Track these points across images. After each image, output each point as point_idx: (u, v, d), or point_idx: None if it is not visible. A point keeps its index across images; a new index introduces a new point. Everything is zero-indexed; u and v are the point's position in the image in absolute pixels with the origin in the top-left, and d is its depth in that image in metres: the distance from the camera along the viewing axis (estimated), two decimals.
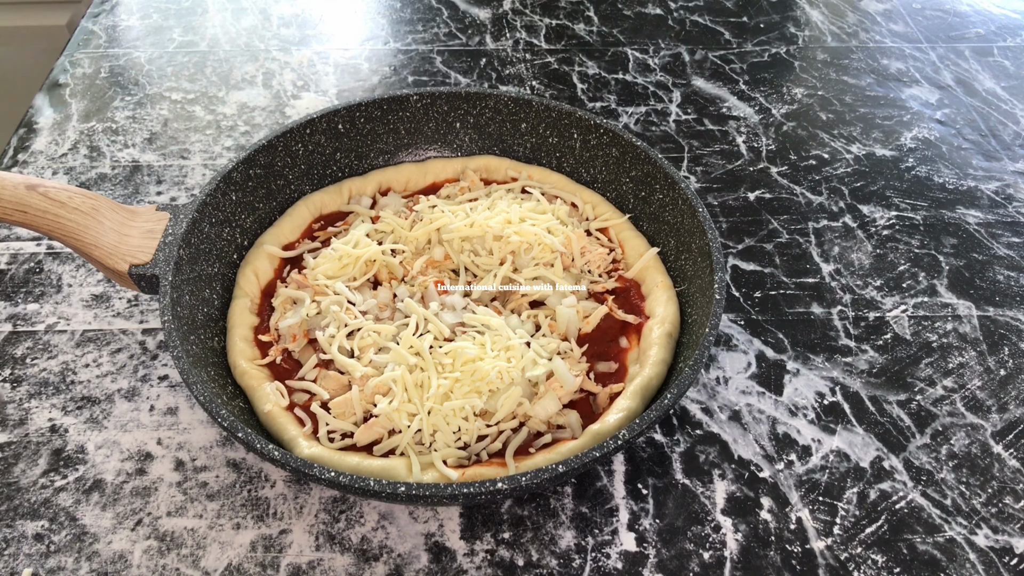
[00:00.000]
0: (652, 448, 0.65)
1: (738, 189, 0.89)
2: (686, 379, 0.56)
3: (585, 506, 0.61)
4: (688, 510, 0.61)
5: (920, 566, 0.58)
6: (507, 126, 0.82)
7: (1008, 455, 0.65)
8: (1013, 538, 0.60)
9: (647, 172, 0.75)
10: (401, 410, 0.60)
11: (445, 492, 0.50)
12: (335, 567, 0.57)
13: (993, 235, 0.85)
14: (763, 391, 0.69)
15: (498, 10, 1.17)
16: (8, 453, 0.63)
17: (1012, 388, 0.70)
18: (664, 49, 1.11)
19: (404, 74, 1.04)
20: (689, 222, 0.70)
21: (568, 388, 0.63)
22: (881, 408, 0.68)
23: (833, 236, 0.84)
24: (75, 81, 1.01)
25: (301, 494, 0.61)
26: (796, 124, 0.99)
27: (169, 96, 0.99)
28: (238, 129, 0.95)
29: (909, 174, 0.92)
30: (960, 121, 1.00)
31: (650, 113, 0.99)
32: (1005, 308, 0.77)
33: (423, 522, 0.59)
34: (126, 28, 1.11)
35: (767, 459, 0.64)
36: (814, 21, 1.18)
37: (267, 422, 0.61)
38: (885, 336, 0.74)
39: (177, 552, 0.57)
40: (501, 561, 0.57)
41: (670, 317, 0.67)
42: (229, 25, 1.12)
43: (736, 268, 0.80)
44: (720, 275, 0.63)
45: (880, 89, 1.05)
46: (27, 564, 0.56)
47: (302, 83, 1.02)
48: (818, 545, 0.59)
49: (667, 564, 0.57)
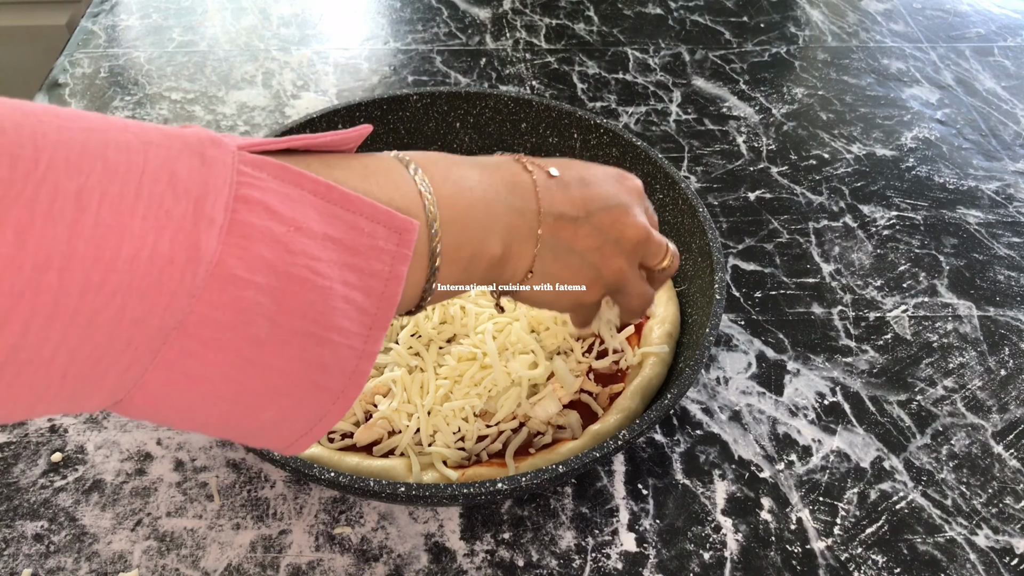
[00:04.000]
0: (652, 448, 0.65)
1: (738, 189, 0.89)
2: (686, 379, 0.56)
3: (585, 506, 0.61)
4: (688, 510, 0.61)
5: (920, 566, 0.58)
6: (507, 126, 0.82)
7: (1009, 455, 0.65)
8: (1014, 538, 0.60)
9: (647, 172, 0.75)
10: (401, 411, 0.60)
11: (445, 492, 0.50)
12: (335, 567, 0.57)
13: (994, 235, 0.85)
14: (763, 391, 0.69)
15: (498, 10, 1.17)
16: (8, 453, 0.63)
17: (1013, 388, 0.70)
18: (664, 49, 1.11)
19: (404, 74, 1.04)
20: (689, 222, 0.70)
21: (568, 389, 0.62)
22: (881, 408, 0.68)
23: (833, 236, 0.84)
24: (75, 81, 1.01)
25: (301, 494, 0.61)
26: (796, 124, 0.99)
27: (169, 96, 0.99)
28: (238, 129, 0.94)
29: (909, 174, 0.92)
30: (960, 121, 1.00)
31: (650, 113, 0.99)
32: (1006, 308, 0.77)
33: (423, 522, 0.59)
34: (126, 28, 1.11)
35: (767, 459, 0.64)
36: (814, 21, 1.18)
37: None
38: (885, 336, 0.74)
39: (177, 552, 0.57)
40: (501, 561, 0.57)
41: (670, 317, 0.67)
42: (229, 25, 1.12)
43: (736, 268, 0.80)
44: (720, 275, 0.63)
45: (880, 89, 1.05)
46: (27, 564, 0.56)
47: (302, 83, 1.02)
48: (818, 545, 0.59)
49: (667, 564, 0.57)
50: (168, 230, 0.28)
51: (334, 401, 0.35)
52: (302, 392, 0.33)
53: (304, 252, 0.31)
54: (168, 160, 0.29)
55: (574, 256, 0.48)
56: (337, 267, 0.33)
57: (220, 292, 0.29)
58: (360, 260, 0.33)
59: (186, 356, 0.30)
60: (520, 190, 0.45)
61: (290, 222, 0.31)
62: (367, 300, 0.34)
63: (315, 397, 0.34)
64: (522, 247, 0.45)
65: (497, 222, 0.43)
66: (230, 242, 0.29)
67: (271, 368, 0.32)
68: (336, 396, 0.35)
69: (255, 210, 0.30)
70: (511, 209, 0.44)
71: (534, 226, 0.45)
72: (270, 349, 0.31)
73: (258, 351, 0.31)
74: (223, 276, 0.29)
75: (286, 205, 0.31)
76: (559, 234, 0.46)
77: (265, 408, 0.33)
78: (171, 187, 0.28)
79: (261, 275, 0.30)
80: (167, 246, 0.28)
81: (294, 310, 0.31)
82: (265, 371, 0.32)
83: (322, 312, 0.32)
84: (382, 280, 0.34)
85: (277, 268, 0.31)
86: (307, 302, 0.32)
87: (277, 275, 0.31)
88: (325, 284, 0.32)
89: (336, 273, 0.32)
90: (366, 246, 0.34)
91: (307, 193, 0.32)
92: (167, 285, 0.28)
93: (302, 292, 0.31)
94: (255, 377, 0.32)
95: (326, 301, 0.32)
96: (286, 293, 0.31)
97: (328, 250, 0.32)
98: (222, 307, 0.30)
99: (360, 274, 0.33)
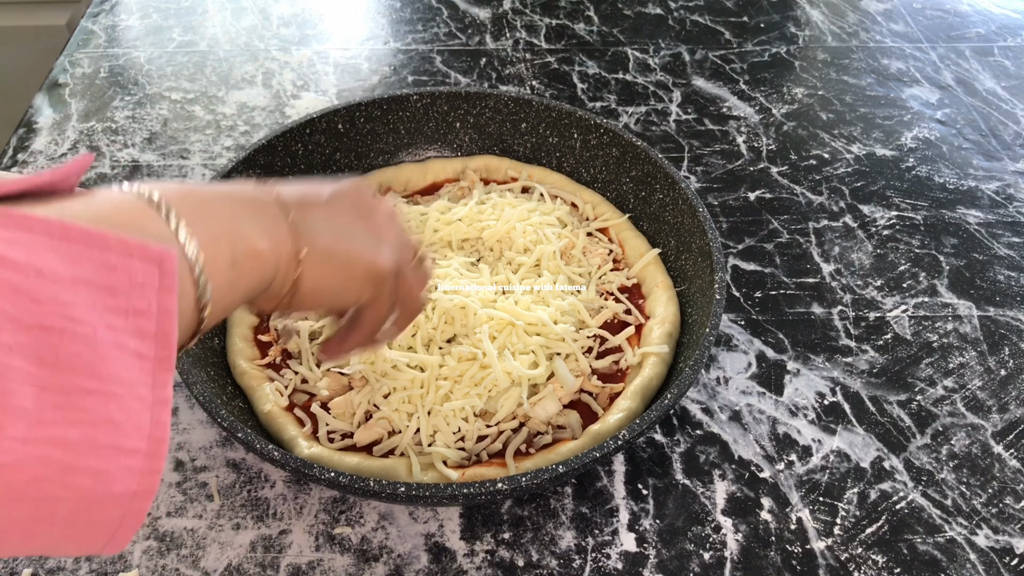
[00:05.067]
0: (652, 448, 0.65)
1: (738, 189, 0.89)
2: (686, 379, 0.56)
3: (585, 506, 0.61)
4: (688, 510, 0.61)
5: (920, 566, 0.58)
6: (507, 126, 0.82)
7: (1008, 455, 0.65)
8: (1014, 538, 0.60)
9: (647, 172, 0.75)
10: (401, 411, 0.60)
11: (445, 492, 0.50)
12: (335, 567, 0.57)
13: (993, 235, 0.85)
14: (763, 391, 0.69)
15: (498, 10, 1.17)
16: None
17: (1012, 388, 0.70)
18: (664, 49, 1.11)
19: (404, 74, 1.04)
20: (689, 222, 0.70)
21: (568, 389, 0.62)
22: (881, 408, 0.68)
23: (833, 236, 0.84)
24: (75, 81, 1.01)
25: (301, 494, 0.61)
26: (796, 124, 0.99)
27: (169, 96, 0.99)
28: (238, 129, 0.94)
29: (909, 174, 0.92)
30: (960, 121, 1.00)
31: (650, 113, 0.99)
32: (1006, 308, 0.77)
33: (423, 522, 0.59)
34: (126, 28, 1.11)
35: (767, 459, 0.64)
36: (814, 21, 1.18)
37: (267, 422, 0.61)
38: (885, 336, 0.74)
39: (177, 552, 0.57)
40: (501, 561, 0.57)
41: (670, 317, 0.67)
42: (229, 25, 1.12)
43: (736, 268, 0.80)
44: (720, 275, 0.63)
45: (880, 89, 1.05)
46: (27, 564, 0.56)
47: (302, 83, 1.02)
48: (818, 545, 0.59)
49: (667, 564, 0.57)
50: None
51: (142, 467, 0.30)
52: (99, 463, 0.28)
53: (54, 299, 0.27)
54: None
55: (340, 229, 0.45)
56: (97, 311, 0.28)
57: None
58: (121, 301, 0.29)
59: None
60: (254, 187, 0.43)
61: (27, 269, 0.26)
62: (142, 344, 0.29)
63: (118, 465, 0.29)
64: (278, 231, 0.41)
65: (242, 208, 0.39)
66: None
67: (51, 442, 0.26)
68: (143, 460, 0.29)
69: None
70: (252, 200, 0.41)
71: (280, 212, 0.42)
72: (42, 418, 0.26)
73: (29, 425, 0.26)
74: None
75: (17, 251, 0.26)
76: (311, 213, 0.44)
77: (58, 500, 0.27)
78: None
79: (7, 333, 0.25)
80: None
81: (57, 366, 0.26)
82: (46, 447, 0.26)
83: (92, 363, 0.28)
84: (152, 318, 0.30)
85: (25, 321, 0.26)
86: (71, 355, 0.27)
87: (27, 330, 0.26)
88: (88, 332, 0.27)
89: (98, 318, 0.28)
90: (124, 284, 0.29)
91: (39, 235, 0.27)
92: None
93: (62, 344, 0.27)
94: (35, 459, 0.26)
95: (94, 350, 0.28)
96: (43, 348, 0.26)
97: (80, 294, 0.28)
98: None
99: (125, 316, 0.29)
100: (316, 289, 0.44)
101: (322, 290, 0.45)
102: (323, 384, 0.62)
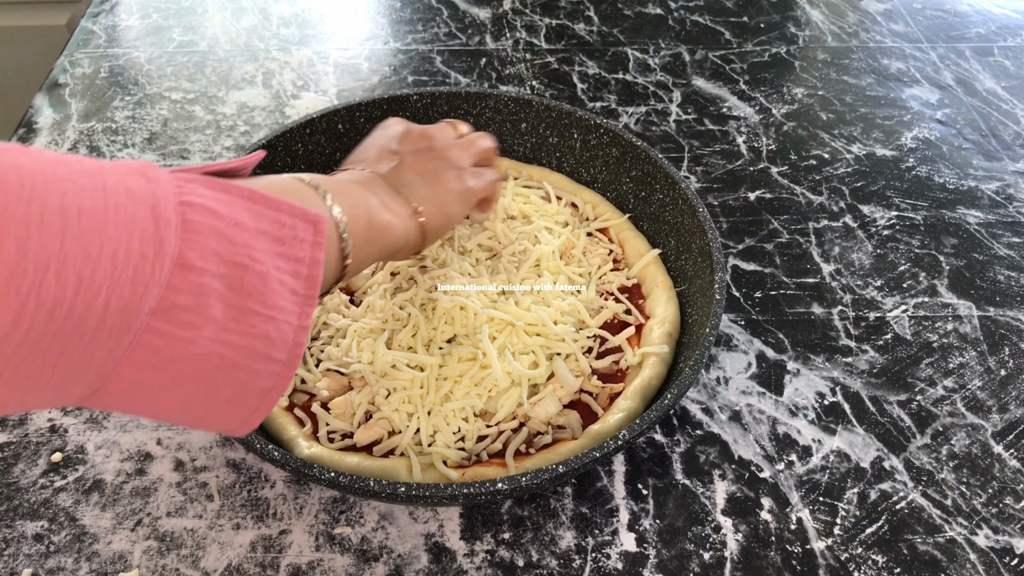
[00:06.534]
0: (652, 448, 0.65)
1: (738, 189, 0.89)
2: (686, 379, 0.56)
3: (585, 506, 0.61)
4: (688, 510, 0.61)
5: (920, 566, 0.58)
6: (507, 126, 0.82)
7: (1008, 455, 0.65)
8: (1014, 538, 0.60)
9: (647, 172, 0.75)
10: (401, 411, 0.60)
11: (445, 492, 0.50)
12: (335, 567, 0.57)
13: (993, 235, 0.85)
14: (763, 391, 0.69)
15: (498, 10, 1.17)
16: (8, 453, 0.63)
17: (1012, 388, 0.70)
18: (664, 49, 1.11)
19: (404, 74, 1.04)
20: (689, 222, 0.70)
21: (568, 389, 0.62)
22: (881, 408, 0.68)
23: (833, 236, 0.84)
24: (75, 81, 1.01)
25: (301, 494, 0.61)
26: (796, 124, 0.99)
27: (169, 96, 0.99)
28: (238, 129, 0.95)
29: (909, 174, 0.92)
30: (960, 121, 1.00)
31: (650, 113, 0.99)
32: (1006, 308, 0.77)
33: (423, 522, 0.59)
34: (126, 28, 1.11)
35: (767, 459, 0.64)
36: (814, 21, 1.18)
37: (267, 422, 0.61)
38: (885, 336, 0.74)
39: (177, 552, 0.57)
40: (501, 561, 0.57)
41: (670, 317, 0.67)
42: (229, 25, 1.12)
43: (736, 268, 0.80)
44: (720, 275, 0.63)
45: (880, 89, 1.05)
46: (27, 564, 0.56)
47: (302, 83, 1.02)
48: (818, 545, 0.59)
49: (667, 564, 0.57)
50: (136, 231, 0.33)
51: (280, 372, 0.40)
52: (254, 364, 0.39)
53: (244, 243, 0.38)
54: (121, 179, 0.34)
55: (427, 175, 0.58)
56: (270, 255, 0.39)
57: (182, 279, 0.35)
58: (286, 249, 0.40)
59: (157, 339, 0.35)
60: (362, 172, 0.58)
61: (228, 219, 0.37)
62: (296, 282, 0.40)
63: (265, 368, 0.39)
64: (392, 198, 0.55)
65: (363, 187, 0.54)
66: (185, 238, 0.35)
67: (227, 344, 0.37)
68: (281, 367, 0.40)
69: (199, 211, 0.36)
70: (368, 180, 0.56)
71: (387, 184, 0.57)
72: (225, 326, 0.37)
73: (216, 329, 0.37)
74: (184, 266, 0.35)
75: (222, 206, 0.38)
76: (403, 176, 0.58)
77: (223, 385, 0.38)
78: (130, 198, 0.34)
79: (213, 263, 0.36)
80: (138, 244, 0.33)
81: (241, 291, 0.37)
82: (223, 347, 0.37)
83: (263, 293, 0.38)
84: (306, 265, 0.41)
85: (224, 257, 0.37)
86: (250, 285, 0.38)
87: (225, 263, 0.37)
88: (263, 269, 0.38)
89: (270, 260, 0.39)
90: (289, 237, 0.40)
91: (236, 197, 0.39)
92: (141, 276, 0.33)
93: (246, 276, 0.38)
94: (215, 353, 0.37)
95: (265, 284, 0.38)
96: (233, 278, 0.37)
97: (261, 241, 0.39)
98: (185, 292, 0.35)
99: (288, 260, 0.40)
100: (438, 227, 0.58)
101: (442, 224, 0.58)
102: (323, 384, 0.62)
